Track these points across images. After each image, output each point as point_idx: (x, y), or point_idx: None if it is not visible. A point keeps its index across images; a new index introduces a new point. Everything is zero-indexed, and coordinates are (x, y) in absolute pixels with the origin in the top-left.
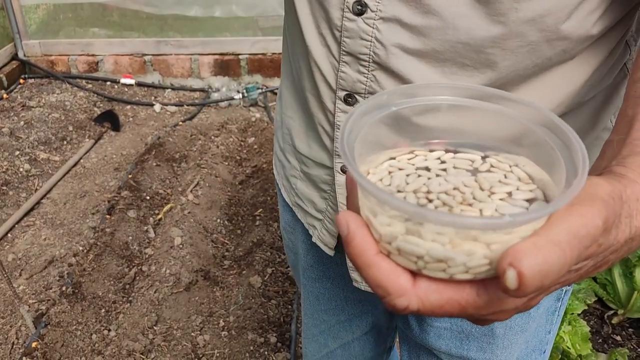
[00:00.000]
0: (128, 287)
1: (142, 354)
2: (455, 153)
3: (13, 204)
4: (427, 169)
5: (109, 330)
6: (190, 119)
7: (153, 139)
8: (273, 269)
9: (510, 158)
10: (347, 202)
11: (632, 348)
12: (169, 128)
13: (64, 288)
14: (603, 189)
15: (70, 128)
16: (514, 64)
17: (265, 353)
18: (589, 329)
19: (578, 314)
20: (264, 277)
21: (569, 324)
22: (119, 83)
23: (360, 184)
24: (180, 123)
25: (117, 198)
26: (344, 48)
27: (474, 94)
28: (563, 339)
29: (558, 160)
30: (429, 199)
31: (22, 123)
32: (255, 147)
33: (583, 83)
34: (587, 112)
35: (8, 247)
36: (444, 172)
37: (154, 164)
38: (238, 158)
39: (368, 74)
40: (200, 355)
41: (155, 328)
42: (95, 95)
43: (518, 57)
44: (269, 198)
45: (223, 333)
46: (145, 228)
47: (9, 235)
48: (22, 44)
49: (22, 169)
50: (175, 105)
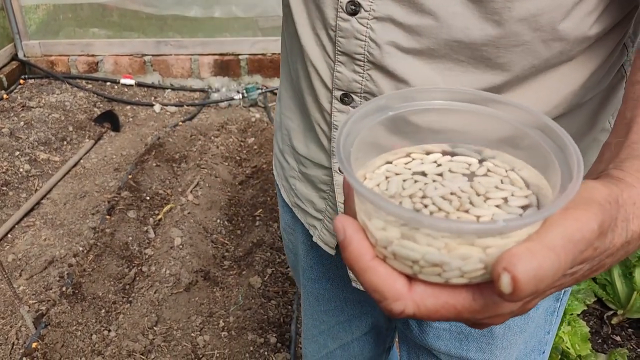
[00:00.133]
0: (128, 287)
1: (142, 355)
2: (453, 155)
3: (13, 205)
4: (423, 174)
5: (109, 331)
6: (190, 120)
7: (153, 140)
8: (273, 270)
9: (507, 161)
10: (344, 206)
11: (631, 348)
12: (169, 128)
13: (64, 288)
14: (599, 193)
15: (70, 128)
16: (510, 64)
17: (265, 353)
18: (589, 330)
19: (578, 315)
20: (264, 277)
21: (569, 324)
22: (119, 83)
23: (356, 190)
24: (180, 123)
25: (117, 198)
26: (339, 48)
27: (471, 98)
28: (563, 339)
29: (553, 164)
30: (425, 204)
31: (22, 123)
32: (255, 147)
33: (581, 85)
34: (584, 113)
35: (8, 247)
36: (440, 176)
37: (154, 165)
38: (238, 158)
39: (363, 74)
40: (200, 356)
41: (155, 328)
42: (95, 96)
43: (513, 56)
44: (269, 198)
45: (223, 333)
46: (145, 228)
47: (9, 236)
48: (22, 45)
49: (22, 170)
50: (175, 106)
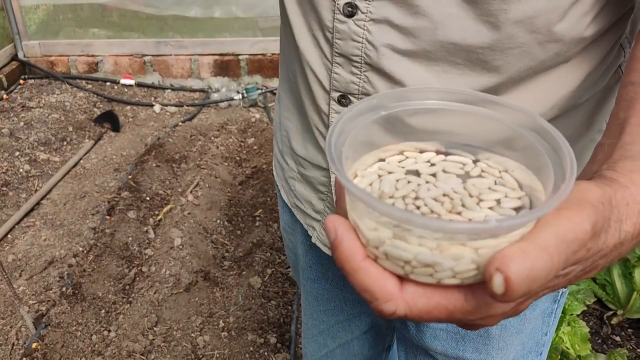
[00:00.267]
0: (128, 287)
1: (142, 355)
2: (446, 155)
3: (13, 205)
4: (416, 173)
5: (109, 331)
6: (190, 120)
7: (153, 140)
8: (273, 270)
9: (501, 162)
10: (336, 206)
11: (631, 348)
12: (169, 129)
13: (64, 289)
14: (593, 194)
15: (70, 129)
16: (506, 66)
17: (265, 354)
18: (588, 330)
19: (577, 315)
20: (264, 277)
21: (568, 325)
22: (119, 83)
23: (348, 189)
24: (180, 124)
25: (117, 199)
26: (336, 49)
27: (466, 99)
28: (562, 340)
29: (547, 165)
30: (417, 206)
31: (22, 124)
32: (255, 147)
33: (578, 86)
34: (581, 114)
35: (8, 247)
36: (434, 177)
37: (154, 165)
38: (238, 159)
39: (361, 75)
40: (200, 356)
41: (155, 329)
42: (95, 96)
43: (510, 58)
44: (269, 199)
45: (223, 334)
46: (145, 229)
47: (9, 236)
48: (22, 45)
49: (22, 170)
50: (175, 106)
